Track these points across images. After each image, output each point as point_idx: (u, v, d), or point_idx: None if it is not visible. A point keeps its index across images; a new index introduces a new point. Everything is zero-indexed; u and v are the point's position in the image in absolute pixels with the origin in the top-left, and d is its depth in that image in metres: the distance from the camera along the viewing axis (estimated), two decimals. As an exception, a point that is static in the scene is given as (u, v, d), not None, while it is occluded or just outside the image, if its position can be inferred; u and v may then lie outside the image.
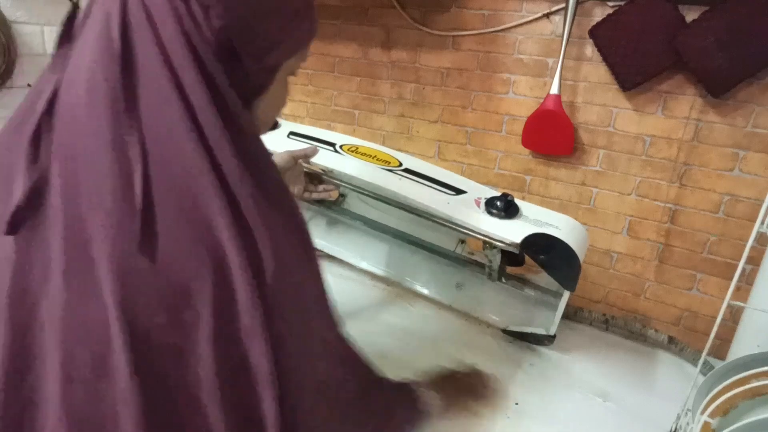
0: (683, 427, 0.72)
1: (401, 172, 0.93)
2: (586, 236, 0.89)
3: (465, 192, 0.90)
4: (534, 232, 0.81)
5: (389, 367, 0.91)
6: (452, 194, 0.89)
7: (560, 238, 0.81)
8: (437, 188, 0.90)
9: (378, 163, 0.94)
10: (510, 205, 0.85)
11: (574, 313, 1.11)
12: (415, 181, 0.91)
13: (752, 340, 0.84)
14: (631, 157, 1.15)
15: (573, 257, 0.80)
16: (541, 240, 0.81)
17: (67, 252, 0.37)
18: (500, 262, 1.01)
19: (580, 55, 1.14)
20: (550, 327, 0.95)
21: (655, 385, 0.95)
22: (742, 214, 1.07)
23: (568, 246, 0.80)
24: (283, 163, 0.90)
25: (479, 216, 0.85)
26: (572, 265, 0.80)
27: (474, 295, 1.11)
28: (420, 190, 0.89)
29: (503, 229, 0.83)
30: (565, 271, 0.80)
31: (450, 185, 0.91)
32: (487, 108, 1.28)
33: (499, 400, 0.87)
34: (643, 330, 1.06)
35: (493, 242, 0.85)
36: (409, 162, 0.95)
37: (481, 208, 0.86)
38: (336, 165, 0.92)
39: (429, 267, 1.17)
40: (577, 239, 0.84)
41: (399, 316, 1.09)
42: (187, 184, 0.38)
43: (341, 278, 1.23)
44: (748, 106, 1.02)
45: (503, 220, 0.84)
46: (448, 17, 1.26)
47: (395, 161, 0.96)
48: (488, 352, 1.00)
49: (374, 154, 0.97)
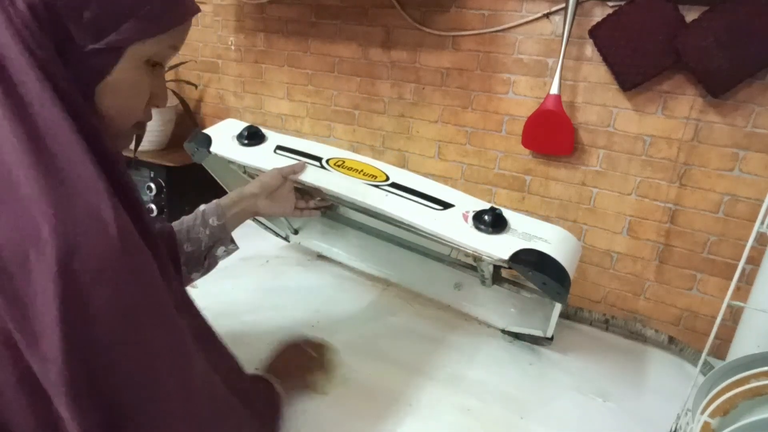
0: (683, 427, 0.72)
1: (387, 187, 0.92)
2: (578, 248, 0.88)
3: (453, 206, 0.89)
4: (522, 247, 0.81)
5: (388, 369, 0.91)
6: (440, 209, 0.88)
7: (549, 254, 0.80)
8: (424, 203, 0.89)
9: (364, 178, 0.94)
10: (498, 219, 0.85)
11: (573, 313, 1.11)
12: (402, 196, 0.90)
13: (752, 340, 0.84)
14: (631, 157, 1.15)
15: (562, 273, 0.79)
16: (529, 256, 0.80)
17: None
18: (493, 270, 1.01)
19: (580, 55, 1.14)
20: (547, 329, 0.95)
21: (654, 385, 0.95)
22: (742, 214, 1.07)
23: (557, 262, 0.79)
24: (273, 181, 0.90)
25: (466, 232, 0.85)
26: (562, 281, 0.79)
27: (473, 295, 1.11)
28: (406, 206, 0.88)
29: (490, 245, 0.82)
30: (554, 286, 0.80)
31: (437, 199, 0.90)
32: (487, 108, 1.28)
33: (333, 367, 0.88)
34: (643, 330, 1.06)
35: (481, 257, 0.84)
36: (397, 176, 0.95)
37: (469, 222, 0.86)
38: (322, 182, 0.92)
39: (427, 268, 1.17)
40: (568, 253, 0.83)
41: (398, 316, 1.09)
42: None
43: (340, 279, 1.23)
44: (748, 106, 1.02)
45: (491, 236, 0.84)
46: (448, 17, 1.26)
47: (382, 175, 0.95)
48: (487, 352, 1.00)
49: (361, 169, 0.96)
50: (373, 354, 0.95)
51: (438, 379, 0.89)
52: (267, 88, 1.61)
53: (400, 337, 1.02)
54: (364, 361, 0.91)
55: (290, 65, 1.54)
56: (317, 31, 1.45)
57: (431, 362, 0.95)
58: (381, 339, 1.00)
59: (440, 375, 0.90)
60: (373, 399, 0.83)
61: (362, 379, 0.87)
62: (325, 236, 1.29)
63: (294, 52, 1.52)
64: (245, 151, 1.02)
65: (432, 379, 0.89)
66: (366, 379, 0.87)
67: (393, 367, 0.92)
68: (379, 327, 1.05)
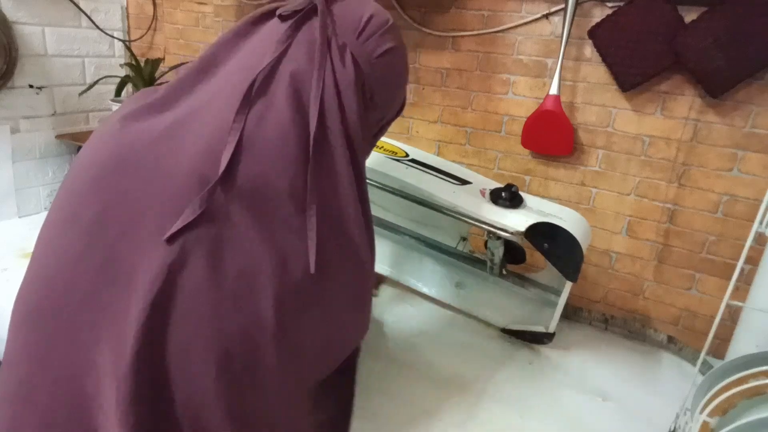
0: (682, 426, 0.72)
1: (408, 162, 0.94)
2: (588, 229, 0.90)
3: (470, 183, 0.91)
4: (538, 221, 0.82)
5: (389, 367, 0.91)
6: (458, 184, 0.90)
7: (564, 228, 0.82)
8: (443, 178, 0.91)
9: (386, 153, 0.96)
10: (515, 195, 0.86)
11: (573, 313, 1.11)
12: (422, 170, 0.93)
13: (751, 340, 0.84)
14: (630, 158, 1.15)
15: (576, 246, 0.81)
16: (545, 228, 0.82)
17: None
18: (502, 256, 1.02)
19: (579, 55, 1.14)
20: (549, 324, 0.95)
21: (654, 384, 0.95)
22: (741, 214, 1.08)
23: (571, 235, 0.81)
24: None
25: (484, 205, 0.86)
26: (575, 254, 0.81)
27: (473, 294, 1.12)
28: (426, 179, 0.91)
29: (508, 218, 0.84)
30: (568, 259, 0.81)
31: (455, 176, 0.92)
32: (487, 108, 1.28)
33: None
34: (643, 329, 1.07)
35: (497, 231, 0.86)
36: (416, 153, 0.97)
37: (486, 197, 0.87)
38: None
39: (429, 266, 1.17)
40: (580, 230, 0.85)
41: (399, 315, 1.09)
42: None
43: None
44: (746, 107, 1.03)
45: (508, 210, 0.85)
46: (447, 18, 1.26)
47: (402, 152, 0.97)
48: (487, 351, 1.00)
49: (381, 145, 0.99)
50: (373, 354, 0.95)
51: (437, 378, 0.89)
52: (267, 89, 1.61)
53: (400, 336, 1.02)
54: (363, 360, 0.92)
55: (290, 65, 1.54)
56: (317, 31, 1.45)
57: (430, 361, 0.95)
58: (380, 338, 1.00)
59: (440, 374, 0.91)
60: (368, 399, 0.83)
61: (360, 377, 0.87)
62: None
63: (294, 53, 1.52)
64: None
65: (431, 379, 0.89)
66: (365, 379, 0.87)
67: (392, 366, 0.92)
68: (380, 325, 1.05)
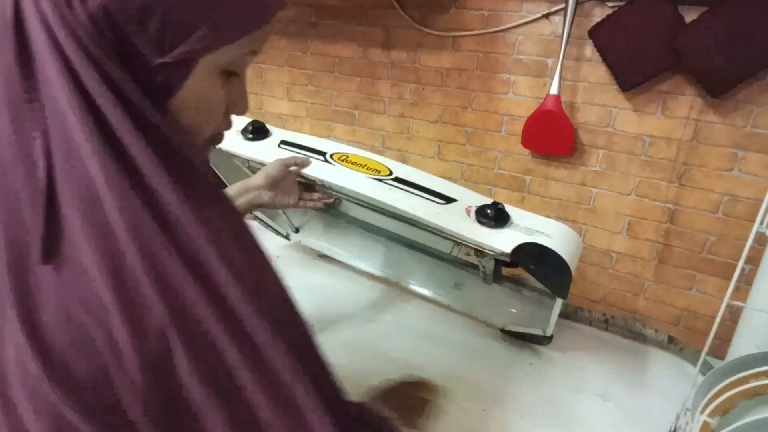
0: (682, 427, 0.72)
1: (391, 182, 0.92)
2: (579, 243, 0.88)
3: (455, 200, 0.89)
4: (524, 241, 0.81)
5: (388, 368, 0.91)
6: (442, 203, 0.88)
7: (550, 248, 0.80)
8: (427, 197, 0.89)
9: (368, 173, 0.94)
10: (500, 213, 0.85)
11: (573, 313, 1.11)
12: (405, 190, 0.90)
13: (751, 340, 0.84)
14: (630, 158, 1.15)
15: (564, 266, 0.79)
16: (531, 249, 0.80)
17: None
18: (494, 266, 1.02)
19: (579, 55, 1.14)
20: (547, 328, 0.95)
21: (654, 384, 0.95)
22: (742, 214, 1.07)
23: (559, 255, 0.79)
24: (276, 172, 0.90)
25: (469, 225, 0.85)
26: (563, 274, 0.79)
27: (472, 295, 1.12)
28: (410, 200, 0.89)
29: (493, 239, 0.82)
30: (556, 280, 0.80)
31: (440, 194, 0.90)
32: (487, 108, 1.28)
33: (436, 412, 0.83)
34: (643, 330, 1.07)
35: (483, 251, 0.84)
36: (400, 170, 0.95)
37: (472, 217, 0.86)
38: (326, 176, 0.92)
39: (427, 267, 1.17)
40: (569, 247, 0.83)
41: (398, 316, 1.09)
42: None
43: (340, 278, 1.23)
44: (747, 107, 1.02)
45: (493, 230, 0.84)
46: (447, 18, 1.26)
47: (386, 170, 0.95)
48: (487, 352, 1.00)
49: (365, 163, 0.96)
50: (373, 353, 0.95)
51: (437, 378, 0.89)
52: (267, 89, 1.61)
53: (400, 337, 1.02)
54: (364, 360, 0.92)
55: (290, 65, 1.54)
56: (317, 31, 1.45)
57: (430, 362, 0.95)
58: (381, 339, 1.00)
59: (440, 375, 0.91)
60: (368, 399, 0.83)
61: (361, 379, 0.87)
62: (326, 235, 1.29)
63: (294, 53, 1.52)
64: (249, 146, 1.02)
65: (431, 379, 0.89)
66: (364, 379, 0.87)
67: (392, 366, 0.92)
68: (379, 326, 1.05)
